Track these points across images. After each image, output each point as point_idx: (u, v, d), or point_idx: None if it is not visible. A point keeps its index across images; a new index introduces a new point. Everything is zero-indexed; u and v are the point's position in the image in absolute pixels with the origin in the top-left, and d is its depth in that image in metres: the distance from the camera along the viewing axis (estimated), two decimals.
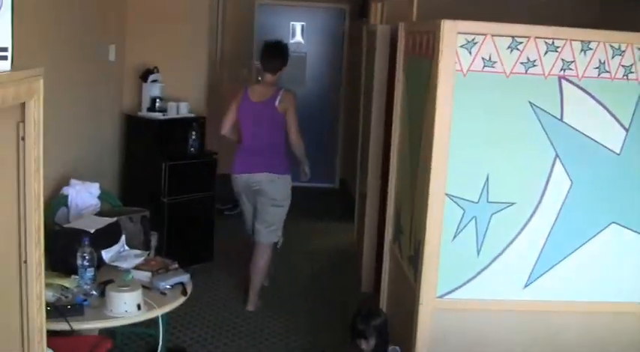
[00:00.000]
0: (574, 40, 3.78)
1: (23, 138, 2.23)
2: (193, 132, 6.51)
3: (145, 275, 3.87)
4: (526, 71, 3.80)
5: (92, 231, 3.95)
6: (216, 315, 5.64)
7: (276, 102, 5.79)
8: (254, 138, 5.83)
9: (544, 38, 3.76)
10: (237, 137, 5.98)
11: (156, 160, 6.27)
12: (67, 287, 3.61)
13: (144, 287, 3.70)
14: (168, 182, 6.26)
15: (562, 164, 3.89)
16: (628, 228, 4.01)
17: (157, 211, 6.11)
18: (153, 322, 3.90)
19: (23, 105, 2.21)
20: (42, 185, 2.32)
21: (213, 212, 6.85)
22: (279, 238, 6.10)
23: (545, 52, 3.78)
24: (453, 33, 3.72)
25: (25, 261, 2.29)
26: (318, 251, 7.50)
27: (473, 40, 3.74)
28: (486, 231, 3.91)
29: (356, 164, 7.33)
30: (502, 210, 3.90)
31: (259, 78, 6.16)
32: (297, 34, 10.32)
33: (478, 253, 3.94)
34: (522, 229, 3.93)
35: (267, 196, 5.83)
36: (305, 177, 6.33)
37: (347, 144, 9.98)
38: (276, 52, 5.99)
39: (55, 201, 4.76)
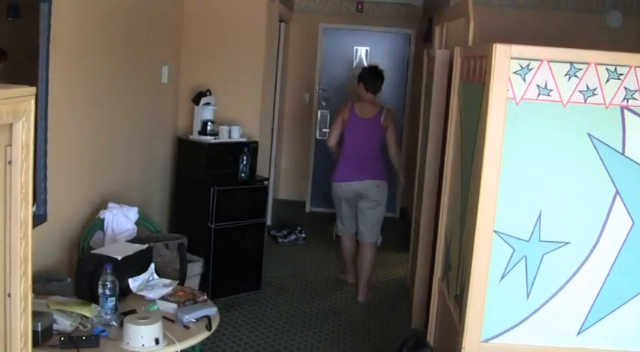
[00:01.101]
0: (639, 67, 3.48)
1: (10, 162, 2.05)
2: (244, 157, 6.35)
3: (170, 307, 3.67)
4: (585, 100, 3.51)
5: (119, 257, 3.77)
6: (257, 346, 5.42)
7: (381, 119, 6.63)
8: (360, 149, 6.71)
9: (605, 64, 3.48)
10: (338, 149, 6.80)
11: (205, 185, 6.13)
12: (87, 317, 3.44)
13: (167, 319, 3.51)
14: (216, 207, 6.09)
15: (623, 201, 3.58)
16: None
17: (203, 237, 5.98)
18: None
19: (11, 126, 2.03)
20: (30, 212, 2.13)
21: (264, 239, 6.66)
22: (379, 237, 6.94)
23: (607, 80, 3.49)
24: (505, 58, 3.47)
25: (9, 295, 2.11)
26: (373, 282, 7.23)
27: (527, 65, 3.48)
28: (537, 271, 3.63)
29: (414, 193, 7.06)
30: (555, 249, 3.61)
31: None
32: (361, 58, 10.11)
33: (528, 295, 3.65)
34: (577, 271, 3.64)
35: (371, 199, 6.68)
36: (401, 185, 7.40)
37: (409, 171, 9.72)
38: (378, 75, 6.82)
39: (91, 225, 4.62)
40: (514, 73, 3.48)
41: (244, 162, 6.36)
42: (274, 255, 7.73)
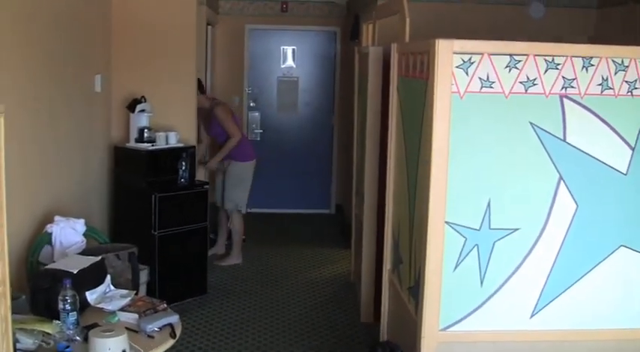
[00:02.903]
0: (575, 57, 3.62)
1: None
2: (183, 163, 6.34)
3: (131, 317, 3.67)
4: (526, 90, 3.63)
5: (75, 271, 3.75)
6: (210, 349, 5.43)
7: None
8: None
9: (543, 55, 3.61)
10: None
11: (145, 192, 6.10)
12: (49, 334, 3.41)
13: (130, 330, 3.51)
14: (158, 214, 6.08)
15: (566, 186, 3.72)
16: (637, 251, 3.83)
17: (147, 245, 5.95)
18: None
19: None
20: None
21: (207, 243, 6.68)
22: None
23: (546, 70, 3.62)
24: (448, 53, 3.56)
25: None
26: (316, 279, 7.30)
27: (469, 59, 3.58)
28: (489, 259, 3.73)
29: (352, 189, 7.14)
30: (505, 236, 3.72)
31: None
32: (288, 58, 10.17)
33: (481, 283, 3.76)
34: (527, 256, 3.76)
35: None
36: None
37: (342, 168, 9.82)
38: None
39: (38, 240, 4.57)
40: (457, 67, 3.58)
41: (183, 168, 6.35)
42: (216, 258, 7.74)
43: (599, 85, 3.68)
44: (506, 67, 3.60)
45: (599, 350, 3.94)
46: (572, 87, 3.65)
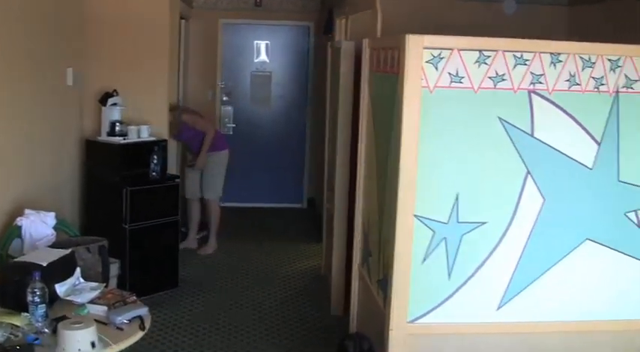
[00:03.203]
0: (543, 53, 3.67)
1: None
2: (155, 156, 6.33)
3: (100, 310, 3.67)
4: (495, 86, 3.68)
5: (44, 264, 3.75)
6: (181, 343, 5.44)
7: None
8: None
9: (512, 51, 3.65)
10: None
11: (117, 186, 6.10)
12: (17, 326, 3.41)
13: (99, 322, 3.51)
14: (130, 208, 6.07)
15: (534, 180, 3.77)
16: (603, 245, 3.90)
17: (118, 238, 5.94)
18: None
19: None
20: None
21: (178, 237, 6.68)
22: None
23: (514, 66, 3.67)
24: (418, 48, 3.59)
25: None
26: (287, 273, 7.33)
27: (439, 55, 3.61)
28: (457, 252, 3.78)
29: (324, 183, 7.17)
30: (473, 230, 3.77)
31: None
32: (261, 52, 10.17)
33: (449, 275, 3.80)
34: (494, 249, 3.81)
35: None
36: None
37: (314, 163, 9.84)
38: None
39: (7, 233, 4.56)
40: (427, 62, 3.61)
41: (155, 161, 6.34)
42: (188, 252, 7.74)
43: (567, 80, 3.73)
44: (476, 62, 3.63)
45: (565, 341, 4.00)
46: (541, 82, 3.70)
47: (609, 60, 3.73)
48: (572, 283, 3.93)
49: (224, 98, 10.09)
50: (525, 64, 3.66)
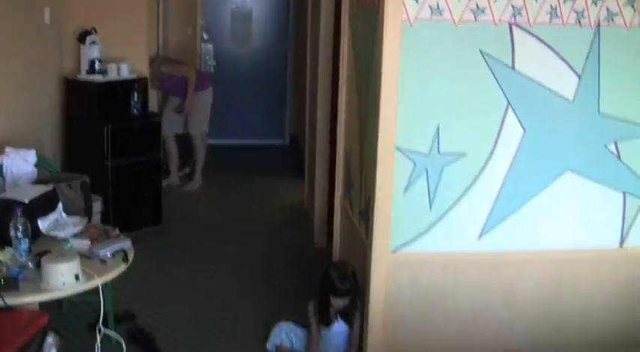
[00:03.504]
0: None
1: None
2: (135, 94, 6.30)
3: (84, 244, 3.69)
4: (475, 18, 3.68)
5: (26, 200, 3.74)
6: (166, 279, 5.48)
7: None
8: None
9: None
10: None
11: (98, 124, 6.06)
12: (0, 261, 3.42)
13: (83, 256, 3.53)
14: (111, 145, 6.05)
15: (514, 113, 3.80)
16: (583, 176, 3.95)
17: (100, 176, 5.93)
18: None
19: None
20: None
21: (160, 174, 6.68)
22: None
23: None
24: None
25: None
26: (270, 209, 7.37)
27: None
28: (438, 183, 3.81)
29: (305, 119, 7.16)
30: (454, 161, 3.80)
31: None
32: None
33: (430, 206, 3.84)
34: (475, 180, 3.84)
35: None
36: None
37: (296, 99, 9.82)
38: None
39: None
40: None
41: (135, 99, 6.30)
42: (171, 189, 7.75)
43: (548, 13, 3.73)
44: None
45: (544, 269, 4.07)
46: (521, 15, 3.70)
47: None
48: (553, 214, 3.98)
49: (204, 36, 10.00)
50: None
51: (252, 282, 5.48)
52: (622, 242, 4.11)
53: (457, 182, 3.84)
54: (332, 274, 4.07)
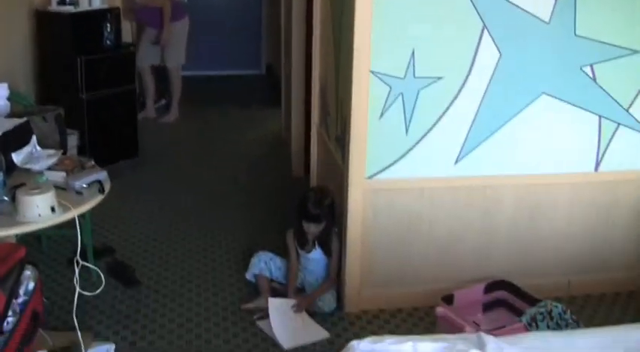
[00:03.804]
0: None
1: None
2: (108, 25, 6.19)
3: (59, 176, 3.65)
4: None
5: None
6: (145, 211, 5.48)
7: None
8: None
9: None
10: None
11: (71, 56, 5.96)
12: None
13: (59, 188, 3.50)
14: (85, 77, 5.97)
15: (490, 35, 3.76)
16: (559, 99, 3.94)
17: (75, 109, 5.87)
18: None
19: None
20: None
21: (136, 106, 6.62)
22: None
23: None
24: None
25: None
26: (247, 139, 7.36)
27: None
28: (414, 107, 3.79)
29: (281, 48, 7.10)
30: (429, 85, 3.77)
31: None
32: None
33: (407, 130, 3.83)
34: (451, 104, 3.83)
35: None
36: None
37: (272, 29, 9.70)
38: None
39: None
40: None
41: (108, 30, 6.20)
42: (147, 121, 7.70)
43: None
44: None
45: (520, 194, 4.10)
46: None
47: None
48: (528, 138, 3.98)
49: None
50: None
51: (230, 213, 5.48)
52: (597, 166, 4.12)
53: (433, 106, 3.82)
54: (307, 199, 4.08)
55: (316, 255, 4.19)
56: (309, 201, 4.06)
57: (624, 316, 4.14)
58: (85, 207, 3.45)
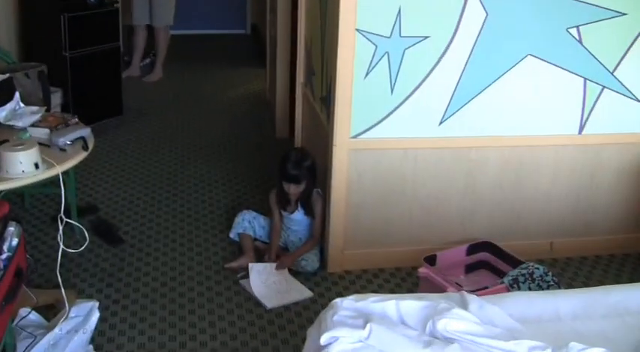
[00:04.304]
0: None
1: None
2: None
3: (43, 133, 3.64)
4: None
5: None
6: (129, 170, 5.46)
7: None
8: None
9: None
10: None
11: (54, 13, 5.89)
12: None
13: (42, 145, 3.49)
14: (68, 35, 5.91)
15: None
16: (544, 60, 3.93)
17: (59, 67, 5.82)
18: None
19: None
20: None
21: (120, 64, 6.57)
22: None
23: None
24: None
25: None
26: (231, 99, 7.33)
27: None
28: (400, 66, 3.77)
29: (267, 8, 7.04)
30: (415, 44, 3.75)
31: None
32: None
33: (392, 90, 3.82)
34: (437, 64, 3.81)
35: None
36: None
37: None
38: None
39: None
40: None
41: None
42: (132, 80, 7.65)
43: None
44: None
45: (504, 156, 4.11)
46: None
47: None
48: (513, 98, 3.98)
49: None
50: None
51: (214, 173, 5.48)
52: (581, 128, 4.12)
53: (419, 66, 3.80)
54: (286, 160, 4.08)
55: (298, 215, 4.20)
56: (288, 161, 4.07)
57: (605, 279, 4.18)
58: (68, 164, 3.44)
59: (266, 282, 3.91)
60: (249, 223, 4.31)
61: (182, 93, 7.48)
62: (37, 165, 3.28)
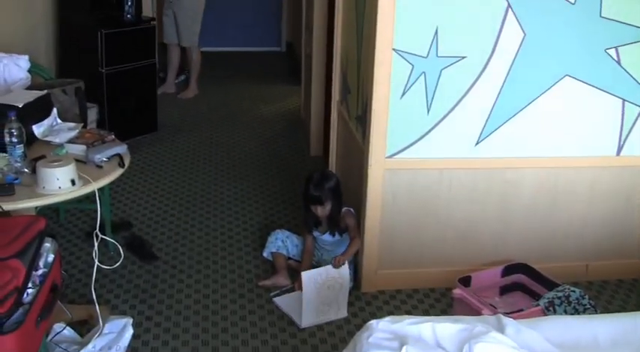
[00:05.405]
0: None
1: None
2: None
3: (79, 149, 3.65)
4: None
5: (20, 105, 3.69)
6: (163, 186, 5.48)
7: None
8: None
9: None
10: None
11: (91, 29, 5.96)
12: None
13: (79, 161, 3.50)
14: (105, 51, 5.97)
15: (514, 15, 3.71)
16: (582, 81, 3.90)
17: (95, 83, 5.87)
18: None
19: None
20: None
21: (156, 80, 6.61)
22: None
23: None
24: None
25: None
26: (266, 117, 7.34)
27: None
28: (436, 87, 3.76)
29: (302, 26, 7.06)
30: (452, 64, 3.74)
31: None
32: None
33: (428, 110, 3.80)
34: (473, 84, 3.79)
35: None
36: None
37: (293, 4, 9.67)
38: None
39: None
40: None
41: (129, 4, 6.19)
42: (167, 97, 7.70)
43: None
44: None
45: (540, 176, 4.07)
46: None
47: None
48: (550, 119, 3.95)
49: None
50: None
51: (247, 190, 5.48)
52: (619, 150, 4.08)
53: (455, 86, 3.79)
54: (309, 182, 4.08)
55: (327, 237, 4.19)
56: (310, 183, 4.07)
57: None
58: (104, 181, 3.45)
59: (321, 287, 3.82)
60: (282, 242, 4.30)
61: (216, 110, 7.50)
62: (73, 182, 3.28)
